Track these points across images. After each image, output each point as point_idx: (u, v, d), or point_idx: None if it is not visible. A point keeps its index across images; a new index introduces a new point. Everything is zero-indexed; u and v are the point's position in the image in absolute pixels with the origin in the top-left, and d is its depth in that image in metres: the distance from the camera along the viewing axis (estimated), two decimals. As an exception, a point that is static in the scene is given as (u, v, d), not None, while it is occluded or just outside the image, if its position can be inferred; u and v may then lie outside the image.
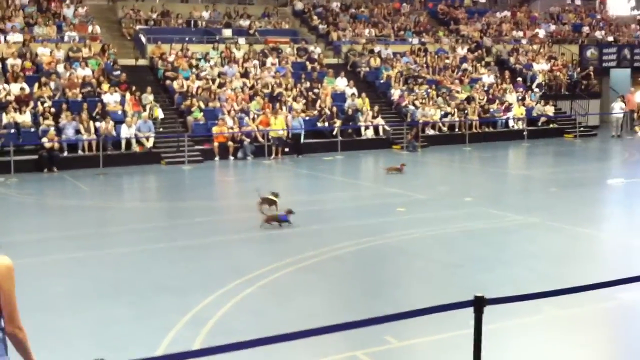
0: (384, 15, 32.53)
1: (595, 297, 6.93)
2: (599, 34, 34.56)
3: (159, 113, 21.69)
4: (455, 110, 25.76)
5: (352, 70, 27.61)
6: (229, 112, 22.17)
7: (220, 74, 24.39)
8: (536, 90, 28.95)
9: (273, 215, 11.54)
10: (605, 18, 37.21)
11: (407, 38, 30.94)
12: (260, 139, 21.85)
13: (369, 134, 24.06)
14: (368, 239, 10.49)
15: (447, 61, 29.44)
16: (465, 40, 31.95)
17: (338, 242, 10.23)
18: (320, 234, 11.12)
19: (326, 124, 23.27)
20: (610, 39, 34.40)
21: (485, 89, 27.83)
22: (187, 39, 26.83)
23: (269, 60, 26.22)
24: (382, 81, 26.99)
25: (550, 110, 27.56)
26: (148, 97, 22.03)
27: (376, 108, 24.53)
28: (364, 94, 25.13)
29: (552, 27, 34.71)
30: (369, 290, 8.24)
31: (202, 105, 22.40)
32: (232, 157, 21.17)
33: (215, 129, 21.37)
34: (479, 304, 4.38)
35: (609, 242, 10.76)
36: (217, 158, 21.02)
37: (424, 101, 25.66)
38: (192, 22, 28.59)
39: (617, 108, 27.21)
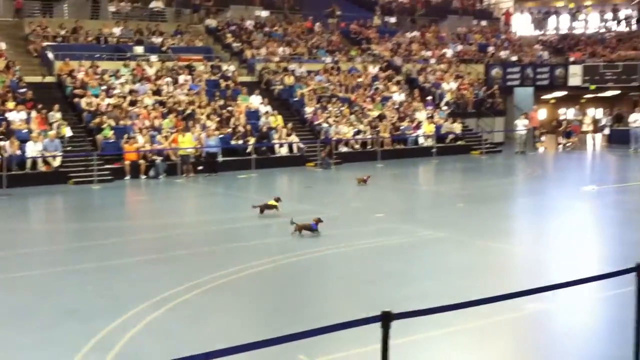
0: (297, 34, 32.82)
1: (502, 309, 7.16)
2: (503, 54, 35.97)
3: (67, 131, 21.06)
4: (368, 127, 26.21)
5: (267, 88, 27.68)
6: (140, 130, 21.77)
7: (131, 92, 23.94)
8: (444, 108, 29.81)
9: (305, 224, 12.07)
10: (509, 38, 38.78)
11: (320, 57, 31.30)
12: (172, 157, 21.55)
13: (283, 151, 24.13)
14: (280, 256, 10.48)
15: (359, 80, 29.95)
16: (377, 59, 32.61)
17: (250, 261, 10.17)
18: (232, 253, 11.04)
19: (240, 141, 23.19)
20: (514, 58, 35.87)
21: (396, 107, 28.46)
22: (96, 55, 26.22)
23: (182, 77, 25.96)
24: (296, 99, 27.16)
25: (458, 127, 28.42)
26: (55, 115, 21.38)
27: (290, 125, 24.65)
28: (277, 112, 25.24)
29: (459, 47, 35.89)
30: (281, 308, 8.23)
31: (113, 123, 21.89)
32: (143, 176, 20.76)
33: (126, 147, 20.91)
34: (386, 319, 4.44)
35: (515, 255, 11.14)
36: (127, 177, 20.56)
37: (337, 119, 25.99)
38: (102, 38, 27.96)
39: (521, 125, 28.33)
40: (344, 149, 25.20)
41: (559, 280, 6.42)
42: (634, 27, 40.31)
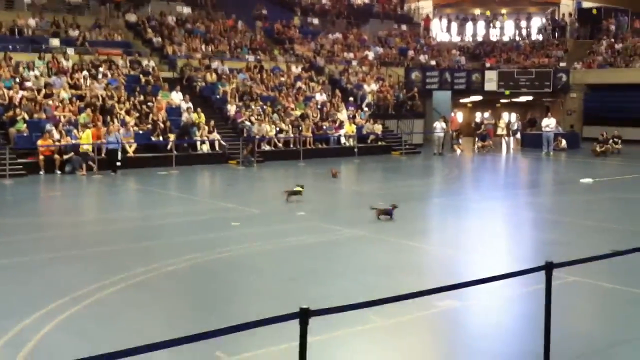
0: (220, 31, 32.54)
1: (418, 306, 7.32)
2: (422, 58, 36.77)
3: (-23, 124, 20.22)
4: (290, 126, 26.28)
5: (188, 85, 27.34)
6: (56, 124, 21.09)
7: (46, 85, 23.17)
8: (366, 109, 30.23)
9: (384, 209, 13.23)
10: (428, 43, 39.66)
11: (243, 55, 31.15)
12: (89, 152, 20.99)
13: (205, 148, 23.90)
14: (201, 254, 10.38)
15: (282, 79, 29.98)
16: (300, 59, 32.72)
17: (170, 258, 10.02)
18: (151, 250, 10.84)
19: (160, 137, 22.81)
20: (433, 63, 36.72)
21: (319, 107, 28.65)
22: (10, 47, 25.23)
23: (101, 71, 25.31)
24: (218, 97, 26.94)
25: (378, 128, 28.87)
26: (-36, 107, 20.49)
27: (212, 123, 24.44)
28: (199, 109, 24.97)
29: (380, 50, 36.46)
30: (201, 305, 8.15)
31: (27, 117, 21.13)
32: (58, 172, 20.14)
33: (40, 142, 20.22)
34: (304, 316, 4.47)
35: (432, 254, 11.40)
36: (42, 172, 19.90)
37: (259, 117, 25.93)
38: (17, 30, 26.93)
39: (439, 128, 29.03)
40: (266, 147, 25.18)
41: (473, 278, 6.62)
42: (547, 35, 41.94)
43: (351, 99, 30.71)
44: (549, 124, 29.63)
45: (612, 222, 13.67)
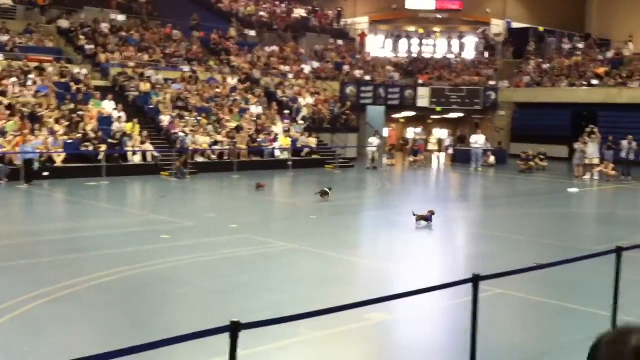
0: (154, 40, 32.15)
1: (348, 318, 7.38)
2: (357, 73, 37.21)
3: None
4: (225, 138, 26.14)
5: (121, 94, 26.88)
6: (-20, 131, 20.42)
7: (-29, 90, 22.42)
8: (301, 122, 30.36)
9: (424, 215, 14.48)
10: (363, 58, 40.17)
11: (178, 65, 30.86)
12: (15, 161, 20.36)
13: (137, 159, 23.52)
14: (130, 267, 10.21)
15: (217, 90, 29.82)
16: (235, 71, 32.64)
17: (98, 271, 9.82)
18: (79, 262, 10.60)
19: (90, 147, 22.34)
20: (368, 78, 37.21)
21: (254, 119, 28.61)
22: None
23: (30, 78, 24.64)
24: (151, 106, 26.59)
25: (313, 141, 29.03)
26: None
27: (145, 133, 24.09)
28: (132, 119, 24.59)
29: (316, 64, 36.72)
30: (131, 319, 8.02)
31: (-52, 123, 20.39)
32: (-18, 181, 19.46)
33: (-37, 150, 19.52)
34: (234, 329, 4.48)
35: (363, 266, 11.53)
36: (-36, 181, 19.20)
37: (194, 128, 25.71)
38: (-61, 33, 26.00)
39: (375, 142, 29.41)
40: (200, 159, 24.97)
41: (403, 290, 6.73)
42: (478, 54, 43.09)
43: (286, 111, 30.80)
44: (477, 140, 30.41)
45: (537, 235, 14.13)
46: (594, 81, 35.11)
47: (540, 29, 42.17)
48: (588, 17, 46.34)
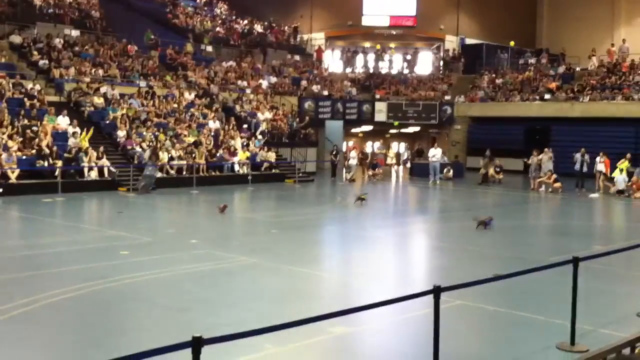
0: (110, 55, 31.81)
1: (311, 332, 7.39)
2: (315, 88, 37.40)
3: None
4: (183, 154, 25.95)
5: (76, 109, 26.50)
6: None
7: None
8: (260, 137, 30.34)
9: (483, 220, 15.58)
10: (320, 74, 40.40)
11: (134, 80, 30.58)
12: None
13: (93, 175, 23.19)
14: (88, 284, 10.02)
15: (175, 105, 29.63)
16: (193, 86, 32.49)
17: (55, 289, 9.62)
18: (34, 280, 10.37)
19: (45, 163, 21.94)
20: (326, 93, 37.42)
21: (212, 134, 28.48)
22: None
23: (-19, 94, 24.15)
24: (107, 122, 26.26)
25: (272, 156, 29.04)
26: None
27: (101, 149, 23.77)
28: (88, 135, 24.23)
29: (274, 79, 36.79)
30: (88, 339, 7.85)
31: None
32: None
33: None
34: (196, 345, 4.43)
35: (324, 280, 11.53)
36: None
37: (151, 144, 25.46)
38: None
39: (354, 156, 29.69)
40: (158, 174, 24.71)
41: (365, 303, 6.75)
42: (436, 70, 43.75)
43: (245, 126, 30.75)
44: (435, 154, 30.79)
45: (496, 248, 14.33)
46: (547, 96, 35.91)
47: (513, 45, 42.85)
48: (539, 33, 47.51)
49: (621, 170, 25.37)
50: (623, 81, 34.67)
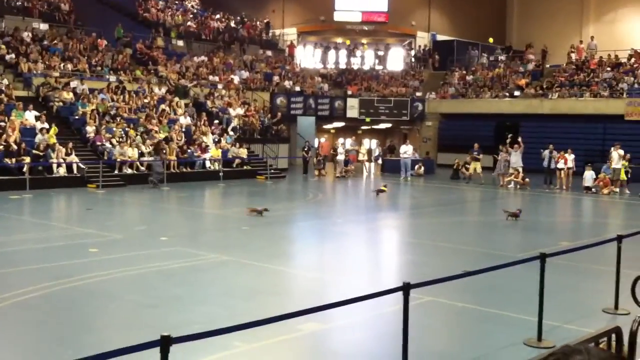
0: (79, 50, 31.41)
1: (283, 329, 7.39)
2: (287, 84, 37.34)
3: None
4: (153, 150, 25.74)
5: (45, 104, 26.14)
6: None
7: None
8: (231, 133, 30.22)
9: (513, 212, 17.00)
10: (293, 69, 40.34)
11: (104, 75, 30.25)
12: None
13: (62, 171, 22.91)
14: (57, 282, 9.92)
15: (145, 101, 29.37)
16: (164, 81, 32.24)
17: (22, 287, 9.50)
18: (2, 278, 10.22)
19: (13, 160, 21.62)
20: (298, 89, 37.38)
21: (183, 130, 28.30)
22: None
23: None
24: (77, 117, 25.95)
25: (244, 152, 28.96)
26: None
27: (70, 145, 23.49)
28: (56, 130, 23.92)
29: (246, 75, 36.66)
30: (56, 337, 7.78)
31: None
32: None
33: None
34: (165, 344, 4.42)
35: (295, 277, 11.56)
36: None
37: (121, 140, 25.22)
38: None
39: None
40: (128, 170, 24.51)
41: (336, 300, 6.79)
42: (408, 66, 43.93)
43: (217, 122, 30.61)
44: (406, 150, 30.95)
45: (464, 243, 14.47)
46: (516, 93, 36.29)
47: (492, 41, 43.22)
48: (509, 29, 47.95)
49: (624, 167, 25.22)
50: (591, 78, 35.16)
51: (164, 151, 25.00)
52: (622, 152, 25.47)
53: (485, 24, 45.23)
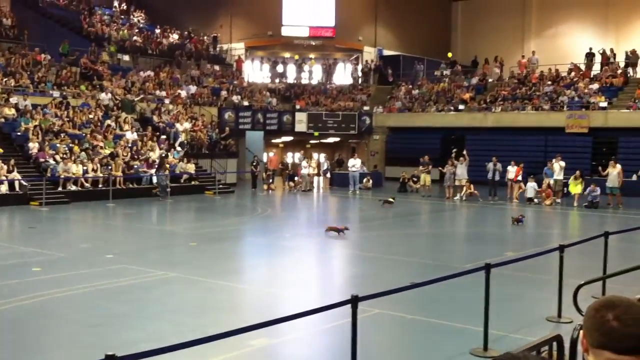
0: (21, 65, 30.74)
1: (232, 346, 7.35)
2: (235, 98, 37.24)
3: None
4: (99, 165, 25.33)
5: (-15, 121, 25.48)
6: None
7: None
8: (179, 148, 29.95)
9: (518, 217, 19.02)
10: (241, 84, 40.27)
11: (47, 90, 29.66)
12: None
13: (4, 189, 22.34)
14: (-1, 303, 9.66)
15: (90, 116, 28.90)
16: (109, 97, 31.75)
17: (-38, 309, 9.22)
18: (-60, 301, 9.90)
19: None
20: (246, 103, 37.32)
21: (130, 145, 27.92)
22: None
23: None
24: (19, 133, 25.36)
25: (192, 167, 28.72)
26: None
27: (12, 162, 22.93)
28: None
29: (193, 89, 36.43)
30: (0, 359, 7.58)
31: None
32: None
33: None
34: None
35: (244, 293, 11.50)
36: None
37: (65, 156, 24.74)
38: None
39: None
40: (72, 187, 24.04)
41: (285, 314, 6.79)
42: (355, 80, 44.31)
43: (164, 137, 30.30)
44: (354, 164, 31.19)
45: (411, 255, 14.63)
46: (461, 106, 36.98)
47: (450, 56, 43.88)
48: (454, 44, 48.88)
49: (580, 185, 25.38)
50: (533, 92, 36.08)
51: (168, 166, 24.90)
52: (563, 163, 26.19)
53: (430, 39, 46.01)
